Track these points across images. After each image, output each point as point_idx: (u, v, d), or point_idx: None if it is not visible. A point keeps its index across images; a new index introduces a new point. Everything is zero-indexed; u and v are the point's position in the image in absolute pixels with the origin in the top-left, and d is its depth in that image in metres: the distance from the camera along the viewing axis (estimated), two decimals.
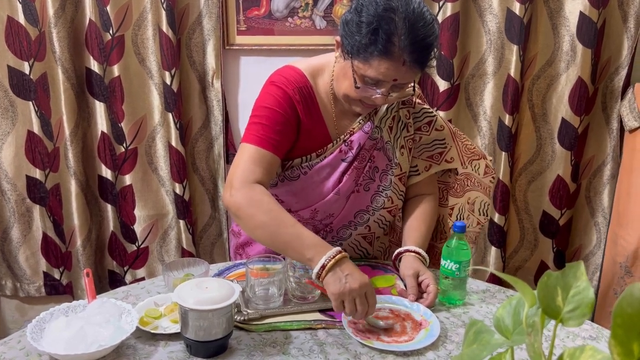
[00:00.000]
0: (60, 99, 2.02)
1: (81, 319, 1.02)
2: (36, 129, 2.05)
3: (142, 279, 2.22)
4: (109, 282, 2.29)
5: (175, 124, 2.06)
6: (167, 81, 2.02)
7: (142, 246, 2.23)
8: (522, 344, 0.58)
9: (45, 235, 2.16)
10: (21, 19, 1.94)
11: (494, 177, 1.49)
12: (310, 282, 1.14)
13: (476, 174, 1.47)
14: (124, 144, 2.12)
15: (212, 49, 2.04)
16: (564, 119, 2.08)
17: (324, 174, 1.30)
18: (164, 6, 1.94)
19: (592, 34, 1.96)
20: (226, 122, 2.13)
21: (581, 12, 1.95)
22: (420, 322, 1.12)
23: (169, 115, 2.06)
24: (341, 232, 1.38)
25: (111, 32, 1.99)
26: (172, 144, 2.08)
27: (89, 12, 1.96)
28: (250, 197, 1.15)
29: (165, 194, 2.20)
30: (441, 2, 1.98)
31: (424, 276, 1.21)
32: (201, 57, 2.07)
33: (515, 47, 1.99)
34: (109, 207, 2.18)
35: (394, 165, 1.34)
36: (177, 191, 2.13)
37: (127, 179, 2.15)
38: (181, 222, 2.16)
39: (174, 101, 2.04)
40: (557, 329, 0.56)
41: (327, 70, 1.28)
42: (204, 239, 2.28)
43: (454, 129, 1.44)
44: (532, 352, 0.55)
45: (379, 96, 1.17)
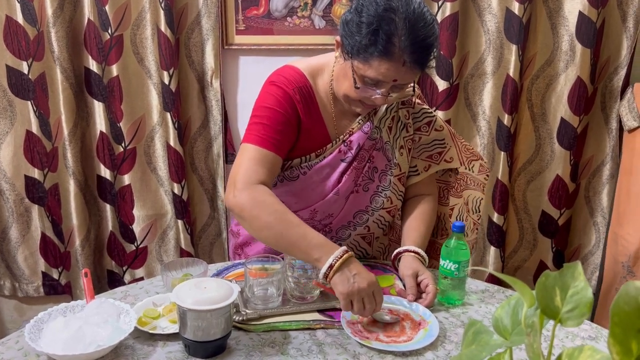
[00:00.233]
0: (58, 99, 2.02)
1: (79, 319, 1.02)
2: (35, 128, 2.04)
3: (141, 278, 2.22)
4: (107, 282, 2.29)
5: (174, 124, 2.06)
6: (166, 81, 2.01)
7: (140, 246, 2.23)
8: (520, 344, 0.58)
9: (43, 235, 2.15)
10: (19, 18, 1.94)
11: (488, 175, 1.49)
12: (317, 283, 1.13)
13: (471, 172, 1.48)
14: (123, 144, 2.12)
15: (211, 49, 2.03)
16: (563, 119, 2.08)
17: (323, 174, 1.30)
18: (163, 6, 1.94)
19: (591, 33, 1.96)
20: (225, 122, 2.13)
21: (580, 12, 1.95)
22: (419, 322, 1.12)
23: (168, 115, 2.06)
24: (340, 233, 1.38)
25: (110, 31, 1.99)
26: (171, 143, 2.08)
27: (88, 11, 1.96)
28: (254, 198, 1.14)
29: (164, 193, 2.19)
30: (440, 2, 1.98)
31: (423, 276, 1.21)
32: (200, 57, 2.06)
33: (514, 47, 1.99)
34: (108, 207, 2.18)
35: (393, 165, 1.34)
36: (176, 191, 2.13)
37: (126, 179, 2.15)
38: (179, 222, 2.16)
39: (173, 101, 2.04)
40: (556, 329, 0.56)
41: (327, 70, 1.28)
42: (203, 239, 2.28)
43: (452, 131, 1.44)
44: (531, 352, 0.55)
45: (378, 97, 1.17)
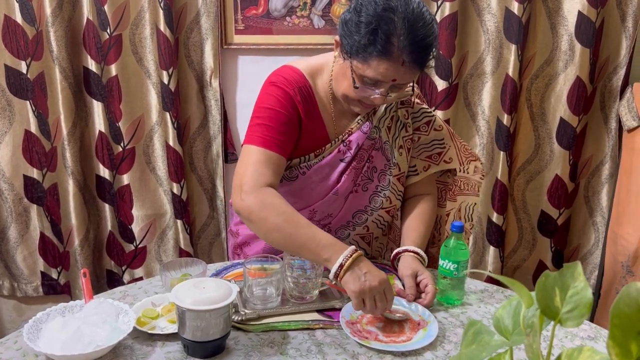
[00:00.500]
0: (57, 99, 2.02)
1: (78, 319, 1.01)
2: (33, 128, 2.04)
3: (140, 278, 2.22)
4: (106, 281, 2.29)
5: (173, 124, 2.06)
6: (165, 80, 2.01)
7: (139, 246, 2.23)
8: (521, 344, 0.58)
9: (42, 235, 2.15)
10: (18, 18, 1.94)
11: (483, 176, 1.49)
12: (329, 283, 1.13)
13: (466, 173, 1.48)
14: (122, 144, 2.11)
15: (210, 48, 2.03)
16: (562, 119, 2.08)
17: (323, 174, 1.30)
18: (162, 5, 1.94)
19: (591, 33, 1.96)
20: (224, 122, 2.13)
21: (579, 12, 1.95)
22: (418, 322, 1.12)
23: (167, 114, 2.05)
24: (339, 232, 1.38)
25: (109, 31, 1.99)
26: (170, 143, 2.08)
27: (87, 11, 1.96)
28: (261, 200, 1.14)
29: (163, 193, 2.19)
30: (439, 2, 1.98)
31: (423, 276, 1.21)
32: (199, 57, 2.06)
33: (513, 47, 1.99)
34: (107, 207, 2.18)
35: (392, 165, 1.34)
36: (175, 191, 2.13)
37: (125, 179, 2.15)
38: (179, 221, 2.16)
39: (172, 101, 2.04)
40: (556, 329, 0.56)
41: (326, 70, 1.28)
42: (202, 239, 2.28)
43: (452, 131, 1.44)
44: (530, 352, 0.55)
45: (377, 96, 1.17)
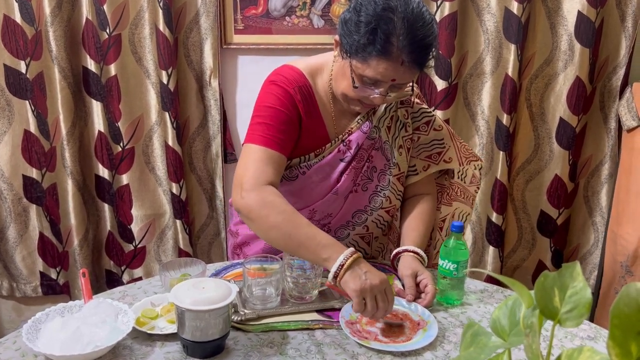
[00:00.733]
0: (56, 98, 2.02)
1: (77, 320, 1.01)
2: (33, 128, 2.04)
3: (139, 278, 2.22)
4: (106, 281, 2.28)
5: (172, 124, 2.06)
6: (164, 80, 2.01)
7: (139, 246, 2.23)
8: (519, 345, 0.57)
9: (41, 235, 2.15)
10: (17, 17, 1.93)
11: (478, 187, 1.49)
12: (329, 284, 1.12)
13: (462, 182, 1.47)
14: (121, 144, 2.11)
15: (210, 48, 2.03)
16: (561, 119, 2.08)
17: (323, 173, 1.30)
18: (161, 5, 1.94)
19: (590, 33, 1.96)
20: (224, 122, 2.13)
21: (579, 12, 1.95)
22: (418, 322, 1.12)
23: (166, 114, 2.05)
24: (339, 232, 1.38)
25: (108, 31, 1.98)
26: (169, 143, 2.08)
27: (86, 11, 1.95)
28: (262, 199, 1.14)
29: (162, 193, 2.19)
30: (439, 1, 1.98)
31: (422, 276, 1.21)
32: (198, 56, 2.06)
33: (513, 47, 1.99)
34: (106, 207, 2.17)
35: (392, 165, 1.34)
36: (174, 191, 2.12)
37: (124, 179, 2.15)
38: (178, 221, 2.16)
39: (171, 100, 2.03)
40: (555, 329, 0.56)
41: (326, 69, 1.28)
42: (202, 239, 2.28)
43: (451, 131, 1.43)
44: (530, 353, 0.55)
45: (377, 96, 1.17)
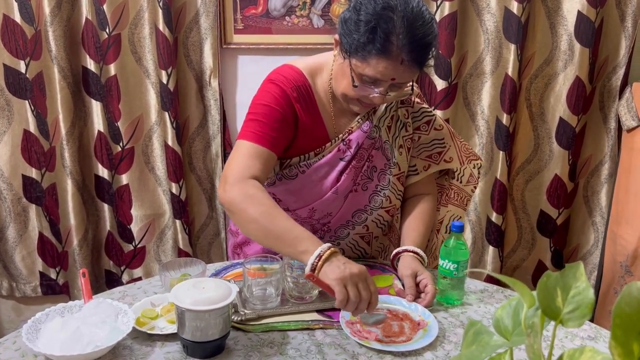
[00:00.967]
0: (56, 98, 2.01)
1: (77, 320, 1.01)
2: (32, 128, 2.04)
3: (139, 278, 2.22)
4: (105, 281, 2.28)
5: (172, 123, 2.05)
6: (164, 80, 2.01)
7: (138, 246, 2.22)
8: (521, 344, 0.57)
9: (41, 234, 2.15)
10: (17, 17, 1.93)
11: (475, 187, 1.49)
12: (308, 277, 1.05)
13: (458, 183, 1.47)
14: (121, 144, 2.11)
15: (209, 48, 2.03)
16: (561, 118, 2.08)
17: (322, 172, 1.30)
18: (161, 5, 1.93)
19: (590, 33, 1.96)
20: (224, 122, 2.13)
21: (579, 11, 1.95)
22: (418, 322, 1.12)
23: (166, 114, 2.05)
24: (339, 232, 1.38)
25: (107, 30, 1.98)
26: (169, 143, 2.08)
27: (85, 10, 1.95)
28: (244, 192, 1.14)
29: (162, 193, 2.19)
30: (439, 1, 1.98)
31: (422, 276, 1.21)
32: (198, 56, 2.06)
33: (512, 46, 1.99)
34: (106, 207, 2.17)
35: (392, 164, 1.34)
36: (174, 191, 2.12)
37: (124, 179, 2.14)
38: (178, 221, 2.15)
39: (171, 100, 2.03)
40: (556, 329, 0.56)
41: (326, 69, 1.28)
42: (202, 239, 2.28)
43: (452, 131, 1.43)
44: (531, 353, 0.55)
45: (377, 95, 1.17)
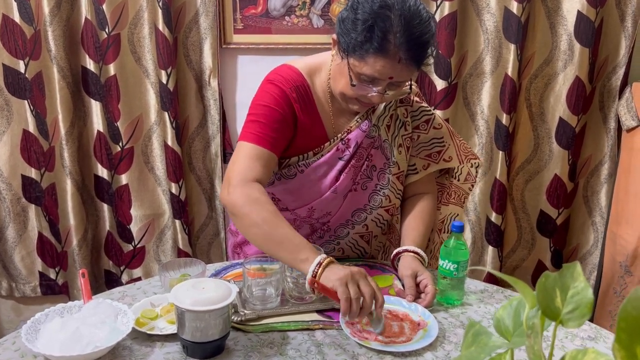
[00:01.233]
0: (55, 98, 2.01)
1: (77, 320, 1.01)
2: (31, 128, 2.03)
3: (139, 279, 2.22)
4: (105, 282, 2.28)
5: (171, 123, 2.05)
6: (164, 80, 2.01)
7: (138, 246, 2.22)
8: (521, 345, 0.57)
9: (40, 235, 2.14)
10: (16, 17, 1.93)
11: (472, 185, 1.49)
12: (311, 282, 1.06)
13: (456, 181, 1.47)
14: (120, 143, 2.11)
15: (209, 48, 2.03)
16: (561, 118, 2.08)
17: (321, 172, 1.30)
18: (160, 5, 1.93)
19: (590, 33, 1.96)
20: (223, 122, 2.12)
21: (579, 11, 1.95)
22: (418, 322, 1.12)
23: (166, 114, 2.05)
24: (338, 231, 1.38)
25: (107, 30, 1.98)
26: (169, 143, 2.07)
27: (85, 10, 1.95)
28: (248, 195, 1.14)
29: (161, 193, 2.19)
30: (439, 1, 1.98)
31: (422, 276, 1.21)
32: (198, 56, 2.06)
33: (512, 46, 1.99)
34: (105, 207, 2.17)
35: (391, 164, 1.34)
36: (174, 191, 2.12)
37: (124, 179, 2.14)
38: (177, 221, 2.15)
39: (171, 100, 2.03)
40: (556, 329, 0.56)
41: (324, 68, 1.28)
42: (201, 239, 2.27)
43: (451, 130, 1.43)
44: (532, 354, 0.54)
45: (375, 94, 1.17)
